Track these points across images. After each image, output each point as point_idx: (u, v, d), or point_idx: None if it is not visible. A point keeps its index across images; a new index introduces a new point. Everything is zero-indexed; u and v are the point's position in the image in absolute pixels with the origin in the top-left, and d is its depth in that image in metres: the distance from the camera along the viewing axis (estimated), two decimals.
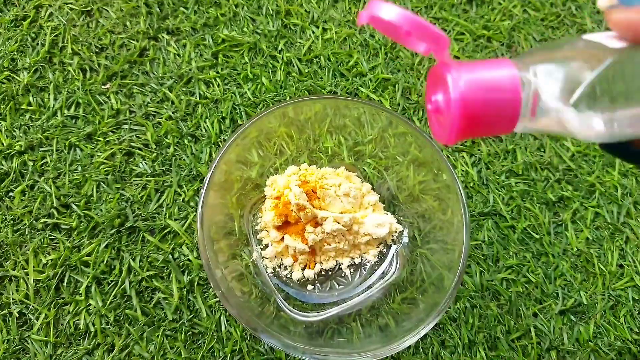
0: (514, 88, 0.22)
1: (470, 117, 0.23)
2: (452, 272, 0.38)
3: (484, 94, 0.22)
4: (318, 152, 0.48)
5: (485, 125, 0.23)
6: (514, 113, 0.22)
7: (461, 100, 0.22)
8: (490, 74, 0.23)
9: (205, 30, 0.57)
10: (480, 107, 0.22)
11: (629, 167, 0.54)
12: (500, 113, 0.23)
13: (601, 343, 0.46)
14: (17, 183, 0.48)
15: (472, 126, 0.23)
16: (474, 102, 0.22)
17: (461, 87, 0.22)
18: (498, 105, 0.22)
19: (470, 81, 0.22)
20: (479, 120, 0.23)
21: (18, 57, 0.54)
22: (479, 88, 0.22)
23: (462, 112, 0.22)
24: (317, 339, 0.40)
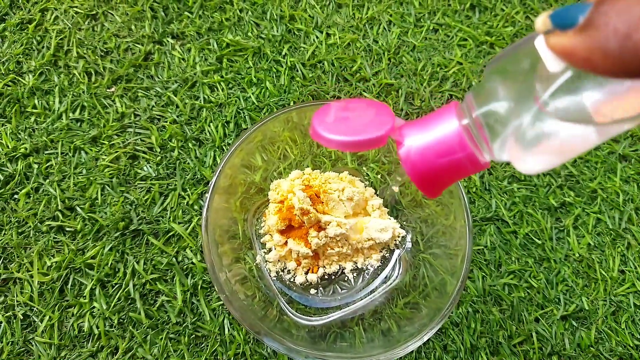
0: (462, 145, 0.23)
1: (432, 181, 0.25)
2: (455, 278, 0.38)
3: (435, 161, 0.24)
4: (321, 157, 0.48)
5: (452, 177, 0.25)
6: (472, 161, 0.24)
7: (416, 175, 0.24)
8: (435, 137, 0.24)
9: (210, 34, 0.58)
10: (437, 172, 0.24)
11: (630, 174, 0.54)
12: (460, 166, 0.24)
13: (602, 348, 0.46)
14: (22, 185, 0.48)
15: (438, 185, 0.25)
16: (429, 172, 0.24)
17: (413, 164, 0.24)
18: (453, 163, 0.24)
19: (419, 154, 0.24)
20: (443, 179, 0.25)
21: (23, 60, 0.54)
22: (429, 159, 0.24)
23: (422, 182, 0.25)
24: (319, 343, 0.40)
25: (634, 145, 0.56)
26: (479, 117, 0.23)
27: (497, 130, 0.22)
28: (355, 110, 0.27)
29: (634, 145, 0.56)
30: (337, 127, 0.26)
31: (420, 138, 0.24)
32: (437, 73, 0.58)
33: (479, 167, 0.24)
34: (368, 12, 0.62)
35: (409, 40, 0.60)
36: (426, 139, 0.24)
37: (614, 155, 0.55)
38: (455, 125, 0.24)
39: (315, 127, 0.26)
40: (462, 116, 0.24)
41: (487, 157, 0.24)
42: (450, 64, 0.59)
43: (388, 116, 0.26)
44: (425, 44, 0.60)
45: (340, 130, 0.25)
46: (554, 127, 0.20)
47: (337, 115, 0.27)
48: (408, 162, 0.24)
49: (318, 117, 0.27)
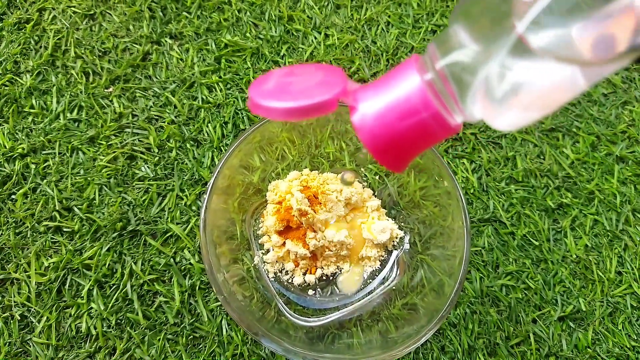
0: (425, 103, 0.20)
1: (394, 151, 0.21)
2: (453, 279, 0.38)
3: (395, 126, 0.21)
4: (320, 158, 0.48)
5: (417, 145, 0.22)
6: (439, 123, 0.21)
7: (375, 145, 0.21)
8: (394, 97, 0.21)
9: (208, 35, 0.58)
10: (399, 139, 0.21)
11: (627, 175, 0.55)
12: (425, 130, 0.21)
13: (599, 350, 0.46)
14: (19, 186, 0.48)
15: (402, 155, 0.22)
16: (390, 140, 0.21)
17: (370, 132, 0.21)
18: (417, 127, 0.21)
19: (376, 119, 0.21)
20: (406, 148, 0.22)
21: (21, 60, 0.54)
22: (389, 124, 0.21)
23: (382, 153, 0.21)
24: (317, 344, 0.40)
25: (631, 147, 0.57)
26: (443, 69, 0.20)
27: (465, 81, 0.19)
28: (301, 75, 0.24)
29: (631, 147, 0.57)
30: (278, 94, 0.22)
31: (377, 101, 0.21)
32: None
33: (448, 130, 0.21)
34: (366, 13, 0.62)
35: (407, 41, 0.60)
36: (384, 101, 0.21)
37: (611, 157, 0.56)
38: (416, 81, 0.20)
39: (253, 96, 0.22)
40: (424, 70, 0.21)
41: (456, 118, 0.21)
42: None
43: (339, 77, 0.22)
44: (423, 45, 0.60)
45: (282, 97, 0.22)
46: (533, 68, 0.18)
47: (279, 81, 0.23)
48: (364, 130, 0.21)
49: (255, 86, 0.23)
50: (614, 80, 0.61)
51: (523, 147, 0.55)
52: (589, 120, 0.58)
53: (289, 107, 0.21)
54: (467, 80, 0.19)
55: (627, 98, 0.60)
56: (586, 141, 0.56)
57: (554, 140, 0.56)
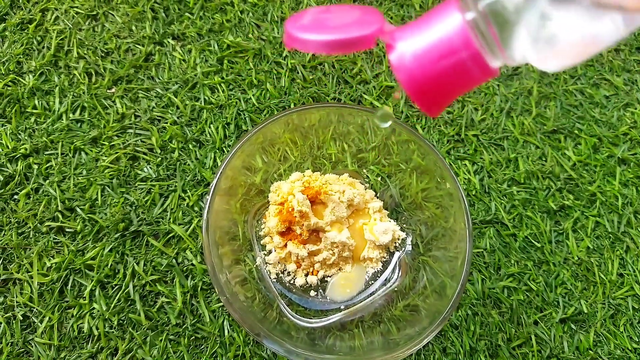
0: (466, 42, 0.20)
1: (432, 92, 0.21)
2: (455, 280, 0.38)
3: (435, 65, 0.20)
4: (322, 159, 0.48)
5: (455, 87, 0.21)
6: (479, 64, 0.20)
7: (413, 85, 0.21)
8: (434, 37, 0.20)
9: (211, 35, 0.58)
10: (438, 79, 0.21)
11: (629, 177, 0.55)
12: (465, 71, 0.21)
13: (601, 352, 0.46)
14: (21, 186, 0.48)
15: (440, 97, 0.21)
16: (428, 79, 0.21)
17: (408, 71, 0.20)
18: (456, 67, 0.20)
19: (415, 58, 0.20)
20: (445, 89, 0.21)
21: (24, 60, 0.54)
22: (427, 63, 0.20)
23: (420, 94, 0.21)
24: (319, 345, 0.40)
25: (632, 149, 0.57)
26: (485, 9, 0.19)
27: (508, 21, 0.19)
28: (337, 12, 0.23)
29: (633, 149, 0.57)
30: (315, 28, 0.22)
31: (416, 40, 0.20)
32: None
33: (488, 73, 0.21)
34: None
35: None
36: (423, 41, 0.20)
37: (613, 158, 0.56)
38: (457, 19, 0.20)
39: (289, 29, 0.22)
40: (466, 9, 0.20)
41: (496, 61, 0.20)
42: None
43: (376, 16, 0.22)
44: None
45: (320, 31, 0.21)
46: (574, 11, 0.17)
47: (315, 17, 0.23)
48: (402, 69, 0.21)
49: (292, 21, 0.23)
50: (616, 82, 0.61)
51: (525, 149, 0.55)
52: (590, 122, 0.58)
53: (327, 39, 0.21)
54: (511, 20, 0.19)
55: (629, 100, 0.60)
56: (588, 143, 0.56)
57: (556, 142, 0.56)
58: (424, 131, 0.55)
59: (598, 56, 0.63)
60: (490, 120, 0.56)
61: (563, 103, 0.58)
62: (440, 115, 0.22)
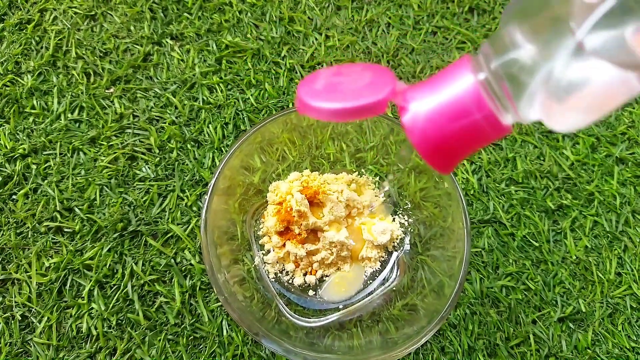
0: (479, 104, 0.20)
1: (445, 153, 0.21)
2: (453, 280, 0.38)
3: (447, 127, 0.20)
4: (320, 159, 0.48)
5: (468, 146, 0.21)
6: (492, 124, 0.20)
7: (426, 146, 0.21)
8: (446, 97, 0.20)
9: (209, 36, 0.58)
10: (450, 140, 0.21)
11: (627, 177, 0.55)
12: (478, 131, 0.21)
13: (599, 350, 0.46)
14: (20, 186, 0.48)
15: (452, 157, 0.22)
16: (441, 140, 0.21)
17: (421, 132, 0.21)
18: (470, 128, 0.20)
19: (428, 119, 0.20)
20: (457, 149, 0.21)
21: (22, 61, 0.54)
22: (440, 125, 0.20)
23: (433, 154, 0.21)
24: (318, 345, 0.40)
25: (630, 149, 0.57)
26: (498, 69, 0.19)
27: (522, 81, 0.19)
28: (349, 75, 0.23)
29: (631, 149, 0.57)
30: (328, 95, 0.22)
31: (429, 101, 0.21)
32: None
33: (501, 131, 0.21)
34: (367, 15, 0.62)
35: (408, 42, 0.60)
36: (435, 101, 0.20)
37: (611, 158, 0.56)
38: (470, 80, 0.20)
39: (302, 96, 0.22)
40: (478, 70, 0.20)
41: (509, 119, 0.20)
42: None
43: (388, 78, 0.22)
44: (423, 46, 0.60)
45: (332, 97, 0.22)
46: (592, 69, 0.17)
47: (328, 81, 0.23)
48: (415, 131, 0.21)
49: (305, 86, 0.23)
50: None
51: (523, 149, 0.55)
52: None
53: (339, 107, 0.21)
54: (524, 81, 0.19)
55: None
56: (586, 142, 0.56)
57: (554, 141, 0.56)
58: None
59: None
60: None
61: None
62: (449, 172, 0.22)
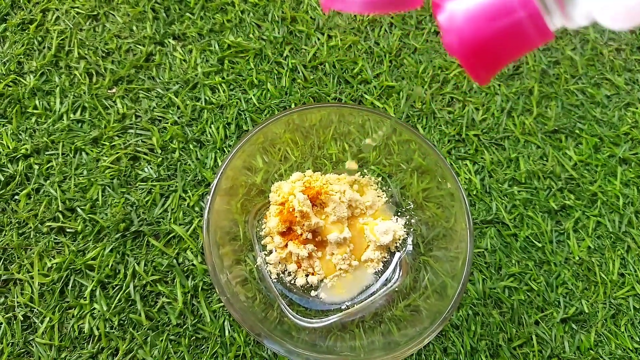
0: (524, 1, 0.18)
1: (484, 57, 0.19)
2: (456, 280, 0.38)
3: (488, 26, 0.19)
4: (322, 159, 0.48)
5: (510, 51, 0.19)
6: (537, 24, 0.18)
7: (464, 48, 0.19)
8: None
9: (211, 36, 0.58)
10: (491, 42, 0.19)
11: (630, 177, 0.54)
12: (521, 33, 0.19)
13: (602, 352, 0.46)
14: (22, 186, 0.48)
15: (492, 62, 0.20)
16: (481, 42, 0.19)
17: (459, 32, 0.19)
18: (512, 28, 0.19)
19: (467, 18, 0.19)
20: (498, 54, 0.19)
21: (24, 61, 0.54)
22: (480, 24, 0.18)
23: (472, 58, 0.19)
24: (320, 345, 0.40)
25: (634, 149, 0.56)
26: None
27: None
28: None
29: (634, 149, 0.56)
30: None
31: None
32: (439, 75, 0.58)
33: (544, 35, 0.19)
34: (369, 14, 0.62)
35: (410, 42, 0.60)
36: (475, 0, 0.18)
37: (614, 158, 0.56)
38: None
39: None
40: None
41: (554, 22, 0.19)
42: (451, 67, 0.59)
43: None
44: (426, 46, 0.60)
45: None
46: None
47: None
48: (452, 30, 0.19)
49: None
50: (617, 82, 0.61)
51: (526, 149, 0.55)
52: (592, 122, 0.58)
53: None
54: None
55: (630, 100, 0.60)
56: (589, 143, 0.56)
57: (557, 142, 0.56)
58: (424, 131, 0.55)
59: (599, 55, 0.62)
60: (491, 120, 0.56)
61: (564, 103, 0.58)
62: (488, 82, 0.20)
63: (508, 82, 0.59)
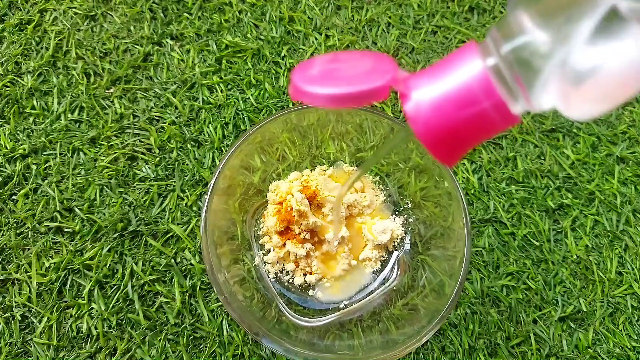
0: (488, 91, 0.18)
1: (450, 143, 0.20)
2: (454, 279, 0.38)
3: (453, 115, 0.19)
4: (320, 158, 0.48)
5: (474, 137, 0.20)
6: (501, 112, 0.19)
7: (430, 136, 0.20)
8: (452, 85, 0.19)
9: (209, 36, 0.58)
10: (456, 130, 0.19)
11: (628, 176, 0.55)
12: (486, 120, 0.19)
13: (600, 350, 0.46)
14: (20, 186, 0.48)
15: (457, 148, 0.20)
16: (446, 130, 0.19)
17: (425, 122, 0.19)
18: (477, 117, 0.19)
19: (432, 108, 0.19)
20: (463, 140, 0.20)
21: (22, 61, 0.54)
22: (445, 114, 0.19)
23: (437, 145, 0.20)
24: (318, 345, 0.40)
25: (631, 148, 0.57)
26: (509, 54, 0.18)
27: (536, 67, 0.17)
28: (348, 62, 0.22)
29: (632, 148, 0.57)
30: (324, 80, 0.20)
31: (433, 88, 0.19)
32: None
33: (510, 121, 0.19)
34: (367, 14, 0.62)
35: (408, 42, 0.60)
36: (440, 89, 0.19)
37: (612, 157, 0.56)
38: (478, 66, 0.19)
39: (296, 82, 0.20)
40: (486, 55, 0.19)
41: (519, 108, 0.19)
42: None
43: (389, 65, 0.21)
44: (424, 45, 0.60)
45: (329, 83, 0.20)
46: (618, 46, 0.16)
47: (324, 68, 0.21)
48: (418, 120, 0.19)
49: (299, 72, 0.21)
50: None
51: (524, 148, 0.55)
52: (589, 121, 0.58)
53: (337, 93, 0.20)
54: (538, 66, 0.17)
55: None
56: (587, 142, 0.56)
57: (555, 140, 0.56)
58: None
59: None
60: None
61: None
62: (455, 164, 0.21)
63: None
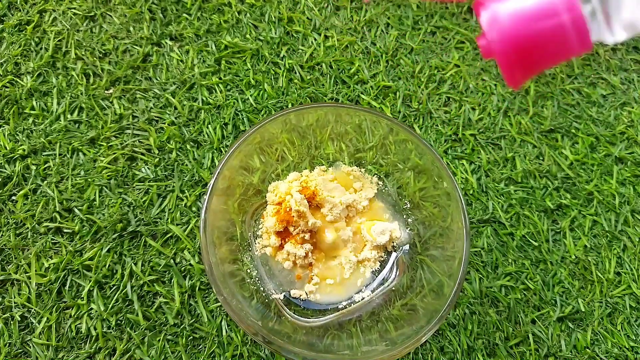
0: (570, 4, 0.18)
1: (524, 58, 0.19)
2: (452, 280, 0.38)
3: (531, 27, 0.18)
4: (319, 159, 0.48)
5: (548, 55, 0.19)
6: (580, 30, 0.18)
7: (505, 48, 0.19)
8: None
9: (208, 36, 0.58)
10: (532, 43, 0.18)
11: (626, 176, 0.55)
12: (562, 37, 0.18)
13: (598, 350, 0.46)
14: (19, 187, 0.48)
15: (530, 64, 0.19)
16: (522, 42, 0.18)
17: (501, 31, 0.18)
18: (554, 31, 0.18)
19: (510, 17, 0.18)
20: (537, 56, 0.19)
21: (22, 62, 0.54)
22: (523, 24, 0.18)
23: (511, 59, 0.19)
24: (317, 345, 0.40)
25: (630, 148, 0.57)
26: None
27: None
28: None
29: (630, 148, 0.57)
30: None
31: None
32: (435, 75, 0.58)
33: (585, 42, 0.18)
34: (366, 15, 0.62)
35: (407, 42, 0.60)
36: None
37: (610, 157, 0.56)
38: None
39: None
40: None
41: (595, 29, 0.18)
42: (447, 67, 0.59)
43: None
44: (422, 46, 0.60)
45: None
46: None
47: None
48: (494, 29, 0.19)
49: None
50: (613, 81, 0.61)
51: (522, 148, 0.55)
52: (588, 122, 0.58)
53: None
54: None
55: (626, 99, 0.60)
56: (585, 142, 0.56)
57: (553, 141, 0.56)
58: (421, 131, 0.55)
59: (595, 55, 0.63)
60: (488, 120, 0.56)
61: (560, 102, 0.59)
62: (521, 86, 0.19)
63: (504, 82, 0.59)
